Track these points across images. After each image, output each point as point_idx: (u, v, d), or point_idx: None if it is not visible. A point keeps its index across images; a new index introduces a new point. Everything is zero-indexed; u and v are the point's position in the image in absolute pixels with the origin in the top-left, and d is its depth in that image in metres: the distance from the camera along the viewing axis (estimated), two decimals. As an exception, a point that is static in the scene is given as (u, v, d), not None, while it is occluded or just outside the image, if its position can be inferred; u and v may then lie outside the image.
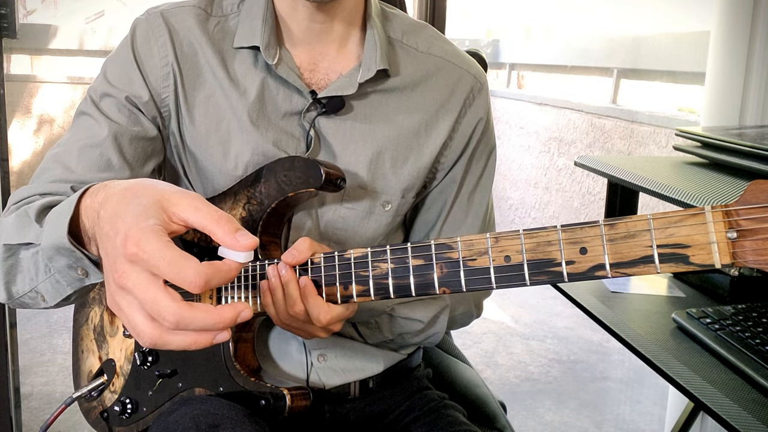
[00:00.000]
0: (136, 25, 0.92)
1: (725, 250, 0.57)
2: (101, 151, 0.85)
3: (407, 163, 0.92)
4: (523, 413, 2.40)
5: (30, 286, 0.76)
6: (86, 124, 0.89)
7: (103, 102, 0.89)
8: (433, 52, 0.95)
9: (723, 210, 0.57)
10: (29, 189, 0.83)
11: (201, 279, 0.55)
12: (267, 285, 0.77)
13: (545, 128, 4.38)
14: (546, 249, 0.63)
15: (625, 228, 0.60)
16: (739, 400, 0.91)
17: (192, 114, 0.90)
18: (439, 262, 0.69)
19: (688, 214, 0.58)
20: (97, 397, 0.97)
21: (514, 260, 0.64)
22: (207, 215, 0.58)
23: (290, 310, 0.76)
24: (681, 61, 3.32)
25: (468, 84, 0.95)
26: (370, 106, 0.91)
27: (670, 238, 0.58)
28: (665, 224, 0.59)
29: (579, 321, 3.20)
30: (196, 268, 0.55)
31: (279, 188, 0.84)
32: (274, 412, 0.82)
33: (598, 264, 0.61)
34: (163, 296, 0.55)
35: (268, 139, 0.88)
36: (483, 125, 0.96)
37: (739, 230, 0.57)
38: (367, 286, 0.73)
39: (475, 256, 0.67)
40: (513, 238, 0.65)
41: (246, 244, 0.58)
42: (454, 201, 0.97)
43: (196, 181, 0.93)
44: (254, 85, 0.89)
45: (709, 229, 0.57)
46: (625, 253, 0.60)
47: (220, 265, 0.57)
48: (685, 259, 0.58)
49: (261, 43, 0.87)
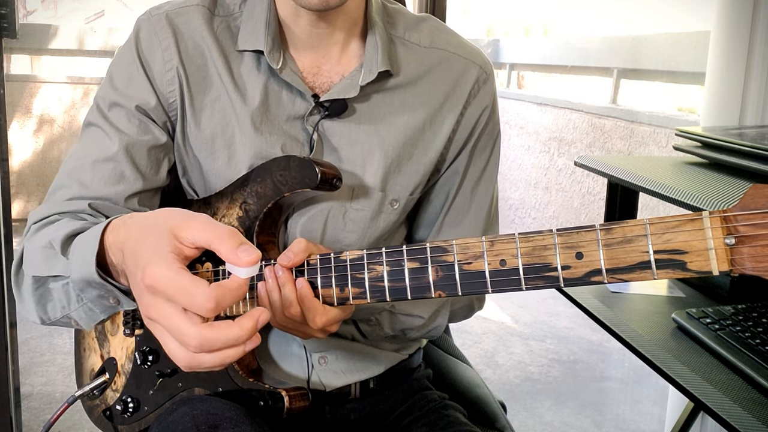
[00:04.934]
0: (140, 27, 0.90)
1: (723, 256, 0.56)
2: (114, 165, 0.87)
3: (414, 161, 0.91)
4: (523, 413, 2.40)
5: (62, 313, 0.80)
6: (97, 136, 0.89)
7: (111, 112, 0.89)
8: (436, 45, 0.93)
9: (721, 215, 0.56)
10: (47, 208, 0.85)
11: (211, 303, 0.57)
12: (264, 287, 0.77)
13: (545, 128, 4.38)
14: (542, 253, 0.63)
15: (621, 233, 0.59)
16: (739, 400, 0.91)
17: (198, 118, 0.90)
18: (434, 265, 0.68)
19: (685, 219, 0.57)
20: (99, 396, 0.97)
21: (509, 264, 0.64)
22: (211, 233, 0.61)
23: (286, 312, 0.76)
24: (681, 61, 3.32)
25: (473, 75, 0.93)
26: (374, 106, 0.90)
27: (667, 243, 0.58)
28: (662, 229, 0.58)
29: (579, 321, 3.20)
30: (204, 293, 0.57)
31: (275, 188, 0.84)
32: (273, 412, 0.82)
33: (594, 269, 0.60)
34: (183, 322, 0.58)
35: (271, 143, 0.88)
36: (487, 114, 0.94)
37: (738, 236, 0.56)
38: (363, 289, 0.73)
39: (471, 259, 0.66)
40: (508, 241, 0.64)
41: (247, 260, 0.59)
42: (457, 192, 0.96)
43: (199, 183, 0.92)
44: (257, 88, 0.89)
45: (706, 234, 0.56)
46: (622, 259, 0.59)
47: (228, 284, 0.59)
48: (682, 265, 0.57)
49: (265, 48, 0.87)
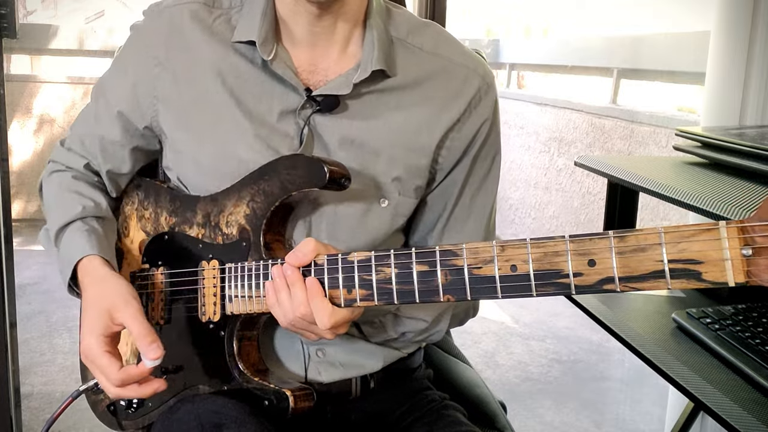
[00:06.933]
0: (135, 26, 0.96)
1: (739, 267, 0.55)
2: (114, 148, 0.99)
3: (405, 161, 0.90)
4: (523, 413, 2.40)
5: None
6: (99, 112, 0.99)
7: (99, 103, 0.99)
8: (439, 52, 0.93)
9: (738, 226, 0.55)
10: (71, 159, 1.01)
11: (117, 383, 0.81)
12: (271, 286, 0.77)
13: (545, 128, 4.38)
14: (553, 260, 0.62)
15: (635, 241, 0.58)
16: (739, 400, 0.91)
17: (187, 110, 0.91)
18: (443, 269, 0.67)
19: (701, 228, 0.56)
20: (103, 390, 0.98)
21: (520, 270, 0.63)
22: (135, 327, 0.81)
23: (296, 312, 0.76)
24: (681, 61, 3.32)
25: (475, 84, 0.93)
26: (368, 105, 0.90)
27: (682, 253, 0.56)
28: (677, 238, 0.57)
29: (579, 321, 3.20)
30: (113, 375, 0.81)
31: (282, 187, 0.83)
32: (278, 412, 0.82)
33: (607, 277, 0.59)
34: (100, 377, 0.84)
35: (262, 137, 0.88)
36: (488, 127, 0.94)
37: (755, 247, 0.54)
38: (371, 291, 0.72)
39: (481, 264, 0.65)
40: (519, 246, 0.63)
41: (152, 356, 0.80)
42: (456, 204, 0.96)
43: (189, 176, 0.93)
44: (250, 82, 0.89)
45: (723, 245, 0.55)
46: (635, 267, 0.58)
47: (132, 370, 0.81)
48: (697, 275, 0.56)
49: (258, 39, 0.87)
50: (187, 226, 0.92)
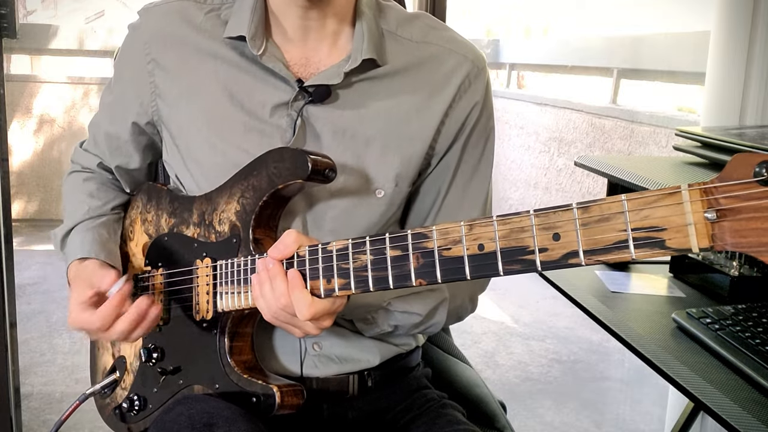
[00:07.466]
0: (130, 28, 0.98)
1: (703, 232, 0.52)
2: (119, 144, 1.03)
3: (398, 149, 0.90)
4: (523, 413, 2.40)
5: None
6: (111, 112, 1.02)
7: (105, 107, 1.03)
8: (429, 40, 0.93)
9: (701, 188, 0.52)
10: (87, 159, 1.06)
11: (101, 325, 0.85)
12: (257, 279, 0.78)
13: (545, 128, 4.38)
14: (519, 236, 0.60)
15: (599, 211, 0.56)
16: (739, 400, 0.91)
17: (179, 107, 0.93)
18: (415, 253, 0.67)
19: (664, 193, 0.54)
20: (110, 394, 0.98)
21: (487, 248, 0.62)
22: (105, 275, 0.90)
23: (278, 303, 0.76)
24: (681, 61, 3.32)
25: (465, 69, 0.93)
26: (360, 94, 0.90)
27: (645, 220, 0.54)
28: (640, 205, 0.55)
29: (579, 321, 3.20)
30: (95, 321, 0.85)
31: (269, 181, 0.83)
32: (265, 409, 0.82)
33: (571, 251, 0.58)
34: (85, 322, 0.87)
35: (255, 131, 0.89)
36: (479, 110, 0.94)
37: (719, 209, 0.51)
38: (348, 279, 0.72)
39: (450, 245, 0.65)
40: (487, 224, 0.62)
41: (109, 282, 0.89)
42: (449, 189, 0.95)
43: (197, 175, 0.93)
44: (242, 77, 0.90)
45: (685, 209, 0.53)
46: (599, 239, 0.56)
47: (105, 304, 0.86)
48: (660, 243, 0.54)
49: (247, 33, 0.88)
50: (184, 226, 0.93)
